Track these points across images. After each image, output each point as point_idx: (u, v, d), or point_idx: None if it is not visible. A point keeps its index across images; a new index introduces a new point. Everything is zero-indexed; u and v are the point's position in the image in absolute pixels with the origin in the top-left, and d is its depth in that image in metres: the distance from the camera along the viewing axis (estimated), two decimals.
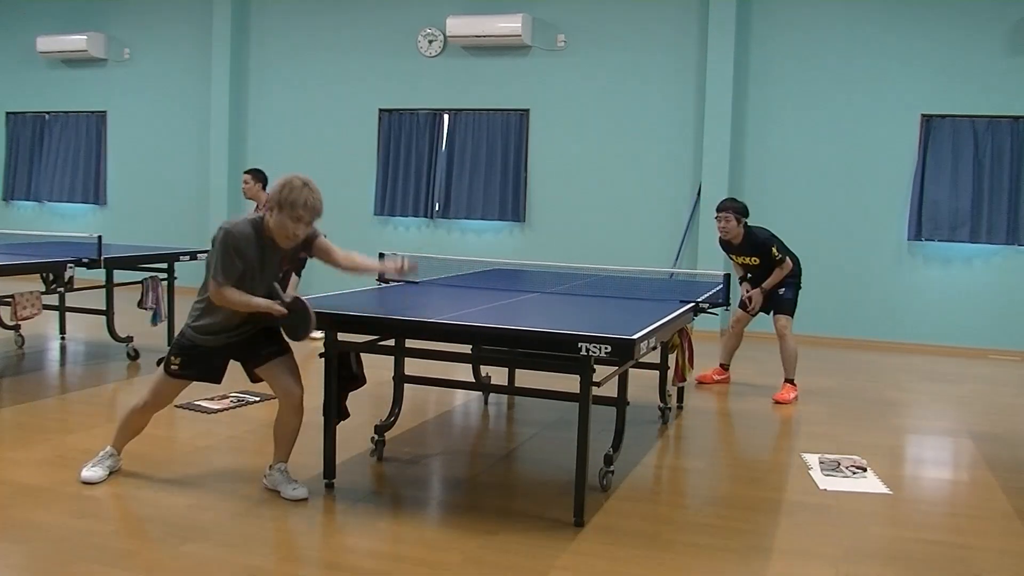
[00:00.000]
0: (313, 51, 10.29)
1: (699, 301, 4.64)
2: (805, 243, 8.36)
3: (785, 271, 6.01)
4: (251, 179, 7.09)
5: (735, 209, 5.99)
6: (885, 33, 8.45)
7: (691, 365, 5.40)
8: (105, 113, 11.22)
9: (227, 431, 4.75)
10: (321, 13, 10.22)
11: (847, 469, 4.42)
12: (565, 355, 3.37)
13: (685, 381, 5.40)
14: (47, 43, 11.04)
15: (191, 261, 6.60)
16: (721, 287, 5.09)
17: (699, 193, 8.82)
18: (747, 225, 6.03)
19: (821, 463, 4.50)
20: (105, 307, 6.61)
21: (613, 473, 4.01)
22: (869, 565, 3.27)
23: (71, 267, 5.94)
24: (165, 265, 6.72)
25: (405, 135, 9.92)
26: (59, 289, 6.19)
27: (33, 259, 5.92)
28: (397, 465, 4.28)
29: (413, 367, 4.60)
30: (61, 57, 11.20)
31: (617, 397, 4.14)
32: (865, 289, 8.63)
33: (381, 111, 10.02)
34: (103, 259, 6.12)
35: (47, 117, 11.52)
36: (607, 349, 3.19)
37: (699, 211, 8.77)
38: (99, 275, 6.48)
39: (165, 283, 6.69)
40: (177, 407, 5.17)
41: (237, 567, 3.04)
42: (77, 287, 6.29)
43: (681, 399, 5.66)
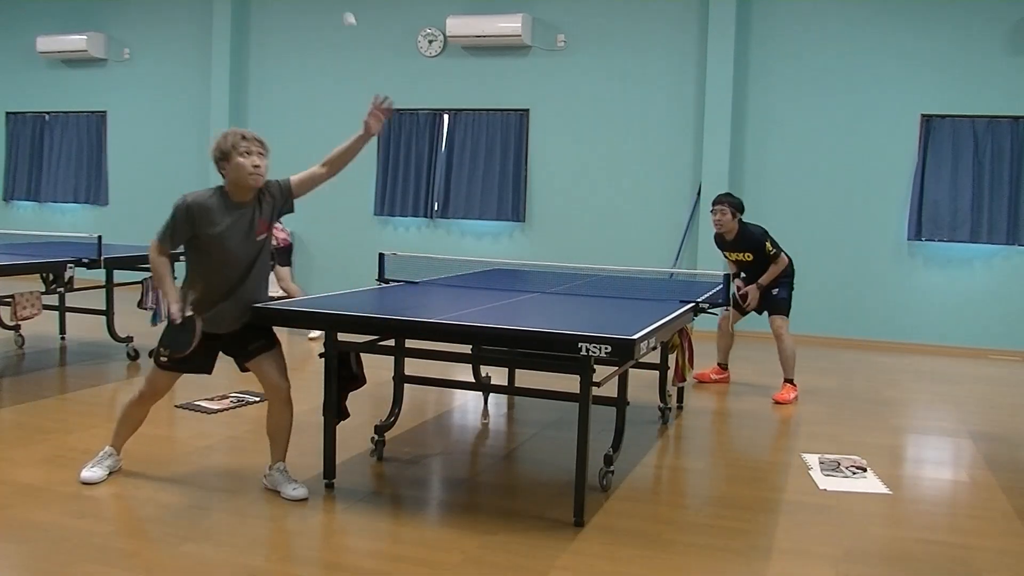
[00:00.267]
0: (313, 51, 10.29)
1: (699, 301, 4.64)
2: (805, 243, 8.41)
3: (780, 267, 6.00)
4: None
5: (731, 203, 6.00)
6: (885, 33, 8.45)
7: (691, 365, 5.40)
8: (105, 113, 11.22)
9: (227, 431, 4.75)
10: (321, 13, 10.22)
11: (847, 469, 4.42)
12: (565, 355, 3.37)
13: (685, 381, 5.40)
14: (47, 43, 11.04)
15: None
16: (721, 287, 5.09)
17: (699, 193, 8.82)
18: (742, 221, 6.04)
19: (821, 463, 4.50)
20: (105, 307, 6.61)
21: (613, 473, 4.01)
22: (869, 565, 3.27)
23: (71, 267, 5.95)
24: None
25: (405, 135, 9.92)
26: (59, 289, 6.20)
27: (33, 259, 5.92)
28: (397, 465, 4.28)
29: (413, 367, 4.60)
30: (61, 57, 11.20)
31: (617, 397, 4.13)
32: (865, 289, 8.63)
33: None
34: (103, 259, 6.13)
35: (47, 117, 11.53)
36: (607, 349, 3.19)
37: (699, 211, 8.77)
38: (99, 275, 6.49)
39: None
40: (177, 407, 5.18)
41: (237, 567, 3.04)
42: (77, 287, 6.30)
43: (681, 399, 5.66)
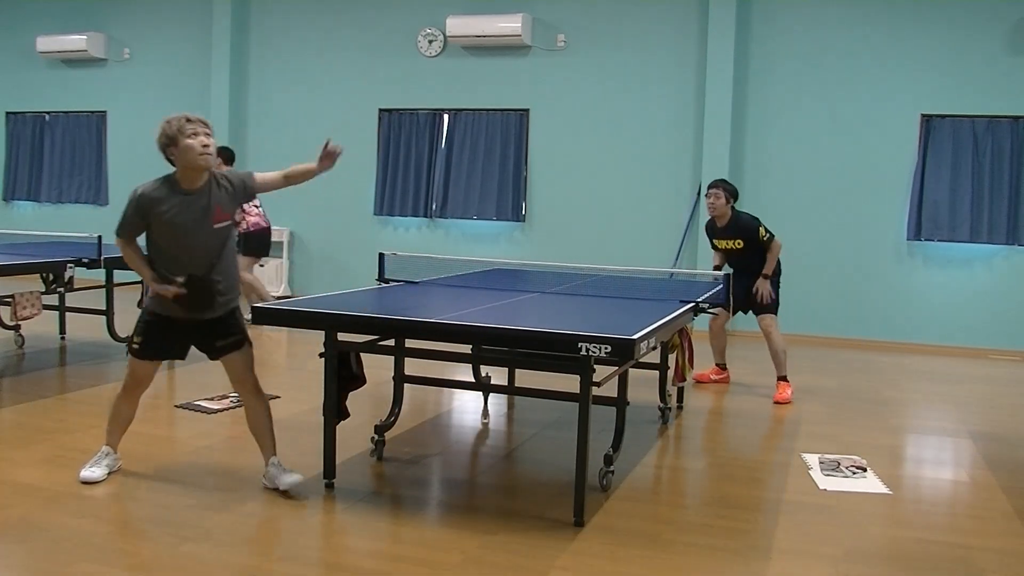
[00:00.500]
0: (313, 51, 10.29)
1: (699, 301, 4.64)
2: (805, 243, 8.42)
3: (776, 252, 6.00)
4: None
5: (726, 188, 6.04)
6: (885, 33, 8.46)
7: (691, 365, 5.40)
8: (105, 113, 11.22)
9: (227, 431, 4.75)
10: (321, 13, 10.22)
11: (847, 469, 4.42)
12: (565, 355, 3.36)
13: (685, 381, 5.40)
14: (47, 43, 11.04)
15: None
16: (721, 287, 5.09)
17: (699, 193, 8.82)
18: (735, 208, 6.05)
19: (821, 463, 4.50)
20: (105, 307, 6.61)
21: (613, 473, 4.01)
22: (869, 565, 3.27)
23: (71, 267, 5.95)
24: None
25: (405, 135, 9.92)
26: (59, 289, 6.20)
27: (33, 259, 5.92)
28: (397, 465, 4.28)
29: (413, 367, 4.60)
30: (61, 57, 11.20)
31: (617, 397, 4.13)
32: (865, 289, 8.63)
33: (381, 111, 10.03)
34: (103, 259, 6.12)
35: (47, 117, 11.52)
36: (607, 349, 3.19)
37: (699, 211, 8.76)
38: (99, 275, 6.49)
39: None
40: (177, 407, 5.18)
41: (237, 567, 3.04)
42: (77, 287, 6.30)
43: (681, 399, 5.66)
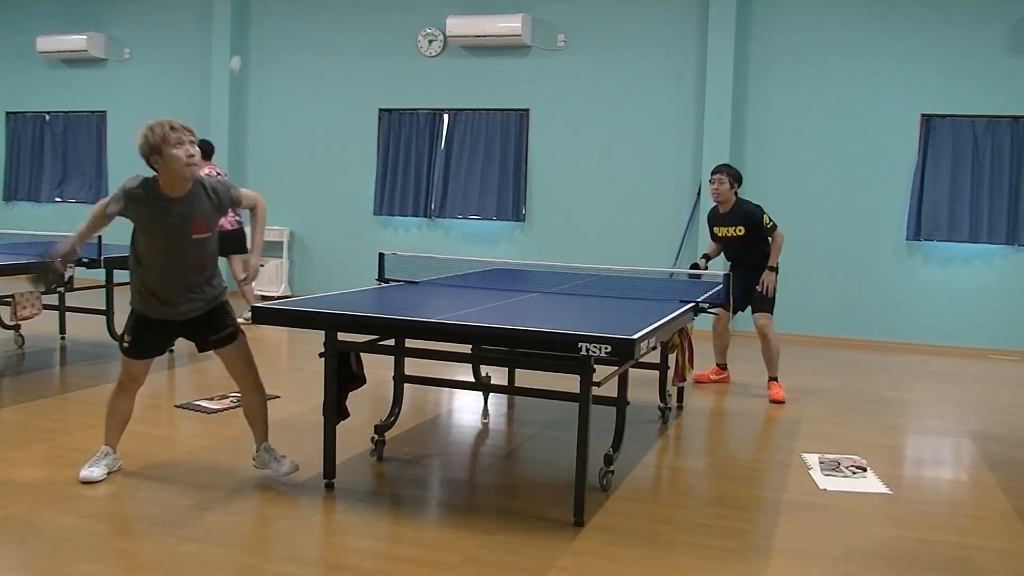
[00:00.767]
0: (313, 51, 10.29)
1: (699, 301, 4.64)
2: (805, 242, 8.41)
3: (779, 241, 5.97)
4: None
5: (730, 173, 6.02)
6: (885, 33, 8.46)
7: (691, 365, 5.40)
8: (105, 113, 11.22)
9: (227, 431, 4.75)
10: (321, 13, 10.22)
11: (847, 469, 4.42)
12: (565, 355, 3.36)
13: (685, 381, 5.40)
14: (47, 43, 11.04)
15: None
16: (721, 287, 5.09)
17: (699, 193, 8.82)
18: (738, 195, 6.04)
19: (821, 463, 4.50)
20: (105, 307, 6.61)
21: (613, 473, 4.01)
22: (869, 565, 3.27)
23: (71, 267, 5.94)
24: None
25: (405, 135, 9.92)
26: (59, 289, 6.19)
27: (33, 259, 5.91)
28: (397, 465, 4.28)
29: (413, 367, 4.60)
30: (61, 57, 11.20)
31: (617, 397, 4.13)
32: (865, 289, 8.63)
33: (381, 111, 10.03)
34: (103, 259, 6.12)
35: (47, 117, 11.52)
36: (607, 349, 3.18)
37: (699, 211, 8.76)
38: (99, 275, 6.49)
39: None
40: (177, 407, 5.18)
41: (237, 567, 3.04)
42: (77, 287, 6.30)
43: (681, 399, 5.66)
